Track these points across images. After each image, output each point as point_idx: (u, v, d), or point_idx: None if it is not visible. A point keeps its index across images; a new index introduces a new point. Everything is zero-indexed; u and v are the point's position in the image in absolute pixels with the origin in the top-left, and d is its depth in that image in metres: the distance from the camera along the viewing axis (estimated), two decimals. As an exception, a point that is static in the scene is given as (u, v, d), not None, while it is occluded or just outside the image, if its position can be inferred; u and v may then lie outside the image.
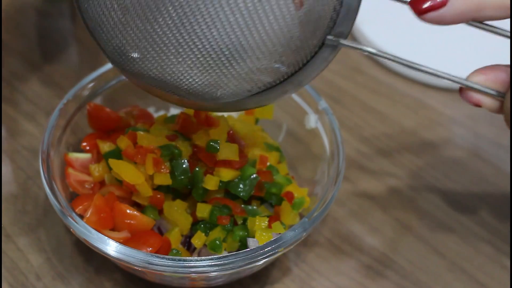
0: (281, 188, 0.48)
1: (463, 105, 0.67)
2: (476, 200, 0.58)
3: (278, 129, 0.56)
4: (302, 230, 0.44)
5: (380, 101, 0.67)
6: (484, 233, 0.55)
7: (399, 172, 0.59)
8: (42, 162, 0.46)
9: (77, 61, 0.68)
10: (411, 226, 0.55)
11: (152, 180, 0.46)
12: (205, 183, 0.46)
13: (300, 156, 0.55)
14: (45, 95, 0.64)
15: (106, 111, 0.52)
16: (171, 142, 0.46)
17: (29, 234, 0.52)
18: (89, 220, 0.44)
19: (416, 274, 0.52)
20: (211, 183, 0.46)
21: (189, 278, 0.45)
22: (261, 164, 0.48)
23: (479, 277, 0.52)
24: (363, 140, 0.62)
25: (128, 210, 0.46)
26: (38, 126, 0.61)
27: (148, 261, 0.41)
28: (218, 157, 0.45)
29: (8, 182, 0.56)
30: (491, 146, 0.63)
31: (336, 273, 0.51)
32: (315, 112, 0.52)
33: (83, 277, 0.50)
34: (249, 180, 0.46)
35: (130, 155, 0.46)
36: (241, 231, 0.46)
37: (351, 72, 0.70)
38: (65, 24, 0.74)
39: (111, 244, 0.42)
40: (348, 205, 0.56)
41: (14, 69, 0.67)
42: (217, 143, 0.45)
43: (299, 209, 0.48)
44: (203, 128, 0.47)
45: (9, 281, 0.49)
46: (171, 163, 0.45)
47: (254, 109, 0.50)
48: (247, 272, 0.48)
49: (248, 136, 0.49)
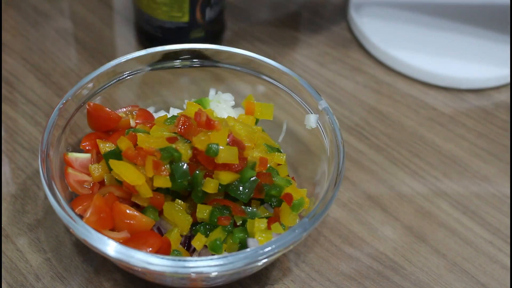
0: (281, 190, 0.48)
1: (463, 104, 0.67)
2: (476, 200, 0.58)
3: (278, 129, 0.56)
4: (302, 230, 0.43)
5: (381, 100, 0.67)
6: (484, 233, 0.55)
7: (399, 172, 0.59)
8: (41, 162, 0.46)
9: (77, 61, 0.68)
10: (411, 226, 0.55)
11: (152, 182, 0.46)
12: (204, 186, 0.46)
13: (300, 156, 0.55)
14: (44, 95, 0.64)
15: (106, 111, 0.52)
16: (171, 144, 0.46)
17: (28, 234, 0.52)
18: (89, 220, 0.44)
19: (416, 274, 0.52)
20: (210, 186, 0.46)
21: (189, 279, 0.45)
22: (261, 166, 0.48)
23: (480, 277, 0.52)
24: (363, 140, 0.62)
25: (128, 210, 0.46)
26: (38, 126, 0.61)
27: (148, 261, 0.41)
28: (218, 160, 0.45)
29: (7, 182, 0.56)
30: (491, 146, 0.63)
31: (336, 273, 0.51)
32: (315, 112, 0.52)
33: (82, 277, 0.50)
34: (249, 182, 0.46)
35: (130, 156, 0.45)
36: (241, 233, 0.46)
37: (351, 72, 0.70)
38: (65, 24, 0.74)
39: (110, 244, 0.42)
40: (348, 205, 0.56)
41: (14, 69, 0.67)
42: (217, 147, 0.45)
43: (299, 210, 0.48)
44: (203, 130, 0.47)
45: (8, 282, 0.49)
46: (171, 165, 0.45)
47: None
48: (247, 273, 0.48)
49: (248, 137, 0.49)
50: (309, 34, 0.74)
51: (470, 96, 0.68)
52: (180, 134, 0.47)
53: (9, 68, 0.67)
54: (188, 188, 0.46)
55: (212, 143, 0.45)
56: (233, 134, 0.47)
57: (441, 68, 0.68)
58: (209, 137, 0.46)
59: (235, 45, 0.70)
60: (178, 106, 0.57)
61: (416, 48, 0.70)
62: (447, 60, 0.69)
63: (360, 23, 0.73)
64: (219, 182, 0.46)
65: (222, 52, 0.55)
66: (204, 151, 0.45)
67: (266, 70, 0.54)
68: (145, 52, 0.54)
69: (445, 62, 0.69)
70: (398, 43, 0.70)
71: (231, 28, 0.74)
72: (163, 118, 0.51)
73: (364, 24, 0.73)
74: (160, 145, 0.46)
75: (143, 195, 0.45)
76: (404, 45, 0.70)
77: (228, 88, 0.57)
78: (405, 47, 0.70)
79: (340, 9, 0.78)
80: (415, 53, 0.70)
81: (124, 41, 0.72)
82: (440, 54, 0.70)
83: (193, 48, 0.55)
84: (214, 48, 0.55)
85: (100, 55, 0.69)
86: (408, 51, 0.70)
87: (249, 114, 0.54)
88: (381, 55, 0.70)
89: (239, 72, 0.55)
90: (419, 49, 0.70)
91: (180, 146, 0.46)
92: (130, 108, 0.55)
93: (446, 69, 0.68)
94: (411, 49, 0.70)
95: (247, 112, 0.54)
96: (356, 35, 0.74)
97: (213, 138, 0.46)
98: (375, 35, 0.71)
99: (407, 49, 0.70)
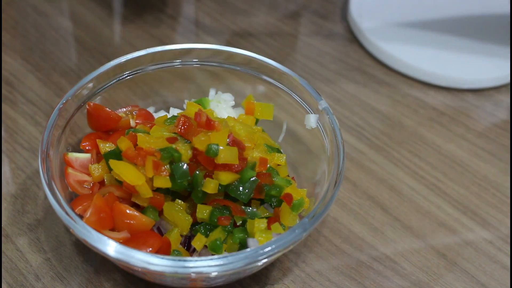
0: (281, 191, 0.48)
1: (463, 104, 0.67)
2: (476, 199, 0.58)
3: (278, 129, 0.56)
4: (302, 230, 0.43)
5: (381, 100, 0.67)
6: (485, 233, 0.55)
7: (399, 172, 0.59)
8: (41, 162, 0.46)
9: (77, 61, 0.68)
10: (411, 226, 0.55)
11: (152, 182, 0.46)
12: (204, 186, 0.46)
13: (300, 156, 0.55)
14: (44, 95, 0.64)
15: (106, 111, 0.52)
16: (171, 144, 0.46)
17: (28, 234, 0.52)
18: (89, 220, 0.44)
19: (416, 274, 0.52)
20: (210, 186, 0.46)
21: (189, 279, 0.45)
22: (261, 166, 0.48)
23: (480, 277, 0.52)
24: (363, 140, 0.62)
25: (128, 210, 0.46)
26: (38, 126, 0.61)
27: (148, 261, 0.41)
28: (218, 160, 0.45)
29: (7, 182, 0.56)
30: (491, 146, 0.63)
31: (336, 273, 0.51)
32: (315, 112, 0.52)
33: (82, 277, 0.50)
34: (249, 183, 0.46)
35: (130, 156, 0.45)
36: (241, 233, 0.46)
37: (351, 71, 0.70)
38: (65, 24, 0.74)
39: (110, 244, 0.42)
40: (348, 205, 0.56)
41: (14, 69, 0.67)
42: (217, 147, 0.45)
43: (299, 210, 0.48)
44: (203, 131, 0.47)
45: (8, 282, 0.49)
46: (171, 166, 0.45)
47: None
48: (247, 273, 0.48)
49: (248, 137, 0.49)
50: (309, 34, 0.74)
51: (470, 96, 0.68)
52: (180, 135, 0.47)
53: (9, 68, 0.67)
54: (188, 189, 0.46)
55: (212, 143, 0.45)
56: (233, 135, 0.47)
57: (441, 68, 0.68)
58: (209, 138, 0.46)
59: (235, 45, 0.70)
60: (178, 106, 0.57)
61: (416, 48, 0.70)
62: (447, 60, 0.69)
63: (360, 23, 0.73)
64: (219, 182, 0.46)
65: (222, 52, 0.55)
66: (204, 152, 0.45)
67: (266, 70, 0.54)
68: (145, 52, 0.54)
69: (445, 62, 0.69)
70: (398, 43, 0.70)
71: (231, 28, 0.74)
72: (163, 118, 0.51)
73: (364, 24, 0.73)
74: (160, 146, 0.46)
75: (143, 195, 0.45)
76: (404, 45, 0.70)
77: (228, 88, 0.57)
78: (405, 47, 0.70)
79: (340, 9, 0.78)
80: (415, 53, 0.70)
81: (124, 41, 0.72)
82: (440, 54, 0.70)
83: (193, 48, 0.55)
84: (214, 48, 0.55)
85: (100, 55, 0.69)
86: (408, 51, 0.70)
87: (249, 114, 0.54)
88: (381, 55, 0.70)
89: (239, 72, 0.55)
90: (419, 49, 0.70)
91: (180, 146, 0.46)
92: (130, 108, 0.55)
93: (446, 69, 0.68)
94: (411, 49, 0.70)
95: (247, 112, 0.54)
96: (356, 35, 0.74)
97: (213, 138, 0.46)
98: (375, 35, 0.71)
99: (407, 49, 0.70)
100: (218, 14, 0.76)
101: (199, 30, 0.74)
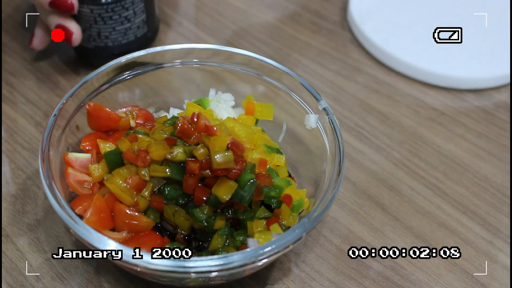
0: (281, 192, 0.48)
1: (463, 104, 0.67)
2: (476, 199, 0.58)
3: (278, 129, 0.56)
4: (302, 230, 0.43)
5: (381, 100, 0.67)
6: (484, 233, 0.55)
7: (399, 172, 0.59)
8: (41, 162, 0.46)
9: (77, 61, 0.68)
10: (411, 226, 0.55)
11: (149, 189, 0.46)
12: (215, 225, 0.46)
13: (300, 156, 0.55)
14: (44, 95, 0.64)
15: (106, 111, 0.52)
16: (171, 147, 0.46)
17: (28, 234, 0.52)
18: (89, 220, 0.44)
19: (416, 274, 0.52)
20: (220, 223, 0.46)
21: (189, 279, 0.45)
22: (260, 167, 0.48)
23: (480, 277, 0.52)
24: (363, 140, 0.62)
25: (128, 210, 0.46)
26: (38, 126, 0.61)
27: (148, 261, 0.41)
28: (215, 166, 0.45)
29: (7, 182, 0.56)
30: (491, 146, 0.63)
31: (336, 273, 0.51)
32: (315, 112, 0.52)
33: (82, 277, 0.50)
34: (248, 186, 0.46)
35: (131, 158, 0.46)
36: (241, 236, 0.46)
37: (351, 71, 0.70)
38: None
39: (110, 244, 0.42)
40: (348, 205, 0.56)
41: (14, 69, 0.67)
42: (245, 193, 0.46)
43: (298, 211, 0.48)
44: (202, 135, 0.46)
45: (8, 282, 0.49)
46: (164, 187, 0.46)
47: None
48: (247, 273, 0.48)
49: (248, 138, 0.49)
50: (309, 34, 0.74)
51: (470, 96, 0.68)
52: (179, 137, 0.46)
53: (9, 68, 0.67)
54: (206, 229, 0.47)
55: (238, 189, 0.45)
56: (233, 137, 0.46)
57: (441, 68, 0.68)
58: (207, 151, 0.45)
59: (235, 45, 0.70)
60: (178, 106, 0.57)
61: (416, 48, 0.70)
62: (447, 60, 0.69)
63: (360, 23, 0.73)
64: (219, 200, 0.45)
65: (222, 52, 0.55)
66: (202, 161, 0.45)
67: (266, 70, 0.54)
68: (145, 52, 0.54)
69: (445, 62, 0.69)
70: (398, 43, 0.70)
71: (231, 28, 0.74)
72: (163, 119, 0.51)
73: (364, 24, 0.73)
74: (160, 146, 0.46)
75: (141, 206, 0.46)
76: (404, 45, 0.70)
77: (228, 88, 0.57)
78: (405, 47, 0.70)
79: (340, 9, 0.78)
80: (415, 53, 0.70)
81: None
82: (440, 54, 0.70)
83: (193, 48, 0.55)
84: (214, 48, 0.55)
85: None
86: (408, 51, 0.70)
87: (249, 114, 0.54)
88: (381, 55, 0.70)
89: (239, 72, 0.55)
90: (419, 49, 0.70)
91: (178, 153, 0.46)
92: (130, 108, 0.55)
93: (446, 69, 0.68)
94: (411, 49, 0.70)
95: (247, 112, 0.54)
96: (356, 35, 0.74)
97: (213, 146, 0.45)
98: (375, 35, 0.71)
99: (407, 49, 0.70)
100: (218, 14, 0.76)
101: (199, 30, 0.74)
